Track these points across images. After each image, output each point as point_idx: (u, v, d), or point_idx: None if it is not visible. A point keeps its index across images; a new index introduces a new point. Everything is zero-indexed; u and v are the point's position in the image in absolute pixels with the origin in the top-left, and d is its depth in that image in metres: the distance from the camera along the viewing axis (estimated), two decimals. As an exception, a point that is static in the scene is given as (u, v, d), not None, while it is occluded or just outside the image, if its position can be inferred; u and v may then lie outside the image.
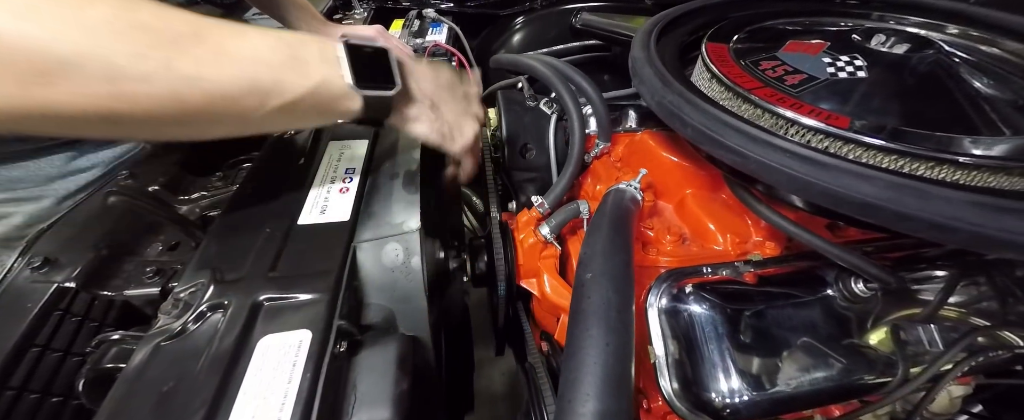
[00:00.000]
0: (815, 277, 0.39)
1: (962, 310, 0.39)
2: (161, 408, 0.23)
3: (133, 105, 0.24)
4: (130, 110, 0.24)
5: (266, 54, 0.27)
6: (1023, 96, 0.35)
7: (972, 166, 0.28)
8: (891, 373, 0.35)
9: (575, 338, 0.27)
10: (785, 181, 0.30)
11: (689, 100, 0.35)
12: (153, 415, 0.23)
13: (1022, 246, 0.23)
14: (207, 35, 0.25)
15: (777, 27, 0.48)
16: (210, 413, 0.22)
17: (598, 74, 0.88)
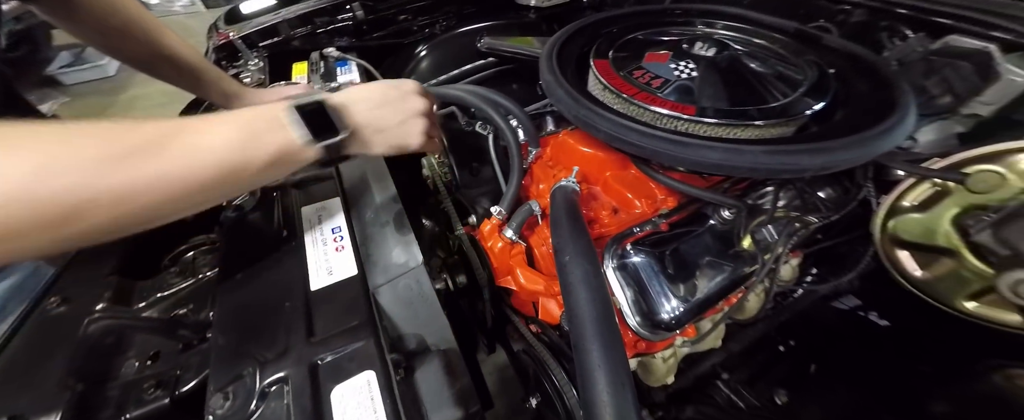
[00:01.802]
0: (702, 214, 0.56)
1: (784, 210, 0.60)
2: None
3: (136, 215, 0.29)
4: (133, 219, 0.29)
5: (231, 138, 0.32)
6: (777, 69, 0.55)
7: (762, 125, 0.46)
8: (756, 262, 0.54)
9: (571, 304, 0.37)
10: (667, 158, 0.44)
11: (596, 112, 0.48)
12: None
13: (793, 170, 0.41)
14: (176, 137, 0.30)
15: (636, 40, 0.64)
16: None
17: (508, 84, 1.00)
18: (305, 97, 0.36)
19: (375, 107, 0.42)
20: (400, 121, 0.42)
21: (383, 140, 0.42)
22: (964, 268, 0.49)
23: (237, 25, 0.96)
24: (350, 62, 0.91)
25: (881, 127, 0.43)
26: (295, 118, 0.35)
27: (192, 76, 0.58)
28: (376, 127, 0.41)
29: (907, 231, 0.53)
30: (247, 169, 0.33)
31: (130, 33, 0.53)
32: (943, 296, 0.52)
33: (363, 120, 0.40)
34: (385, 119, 0.42)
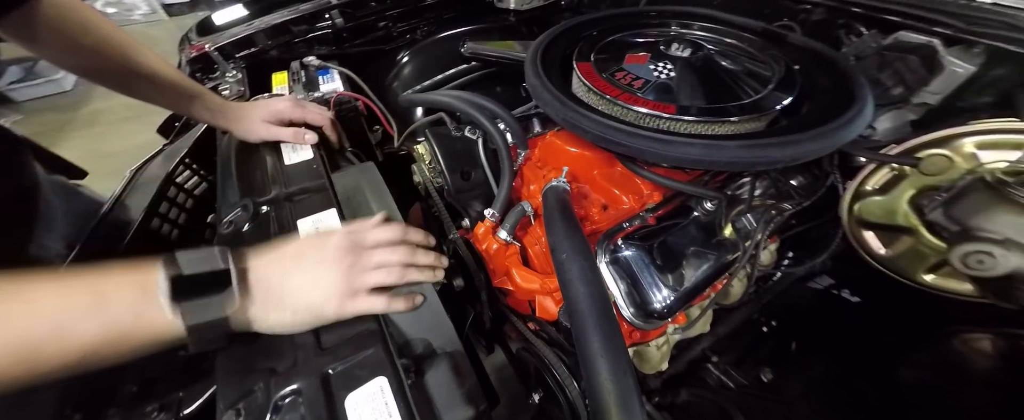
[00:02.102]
0: (686, 207, 0.59)
1: (760, 199, 0.64)
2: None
3: None
4: None
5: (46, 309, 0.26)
6: (747, 67, 0.59)
7: (736, 121, 0.49)
8: (738, 249, 0.58)
9: (570, 300, 0.39)
10: (652, 156, 0.47)
11: (583, 115, 0.50)
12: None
13: (767, 163, 0.44)
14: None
15: (616, 42, 0.66)
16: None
17: (492, 87, 1.01)
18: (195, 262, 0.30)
19: (289, 263, 0.35)
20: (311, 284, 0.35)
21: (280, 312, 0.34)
22: (922, 244, 0.53)
23: (211, 36, 0.93)
24: (332, 70, 0.90)
25: (843, 119, 0.46)
26: (162, 280, 0.29)
27: (172, 93, 0.56)
28: (274, 293, 0.34)
29: (870, 213, 0.58)
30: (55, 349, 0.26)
31: (103, 52, 0.51)
32: (905, 271, 0.57)
33: (264, 279, 0.34)
34: (290, 284, 0.34)
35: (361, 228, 0.41)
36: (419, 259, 0.43)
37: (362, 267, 0.37)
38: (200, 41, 0.92)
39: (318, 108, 0.67)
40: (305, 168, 0.54)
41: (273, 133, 0.61)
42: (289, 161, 0.55)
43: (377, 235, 0.40)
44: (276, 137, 0.61)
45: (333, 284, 0.35)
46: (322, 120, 0.66)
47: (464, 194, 0.68)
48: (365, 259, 0.38)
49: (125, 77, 0.53)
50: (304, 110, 0.64)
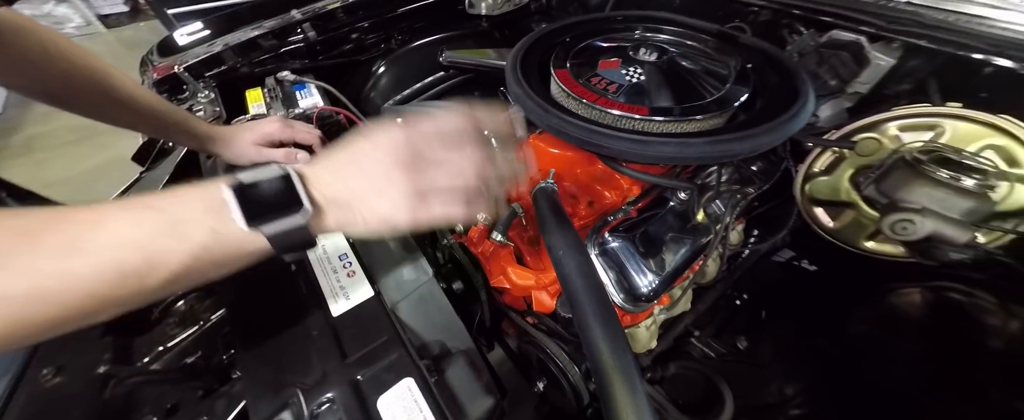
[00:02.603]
0: (662, 198, 0.65)
1: (726, 185, 0.71)
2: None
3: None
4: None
5: (129, 234, 0.24)
6: (706, 67, 0.65)
7: (701, 119, 0.55)
8: (710, 232, 0.64)
9: (570, 291, 0.43)
10: (631, 155, 0.52)
11: (565, 120, 0.54)
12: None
13: (730, 156, 0.50)
14: (54, 234, 0.23)
15: (589, 48, 0.71)
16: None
17: (470, 93, 1.04)
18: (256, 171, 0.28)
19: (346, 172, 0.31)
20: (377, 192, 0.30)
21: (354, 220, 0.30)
22: (861, 216, 0.61)
23: (174, 57, 0.90)
24: (309, 84, 0.89)
25: (791, 112, 0.53)
26: (237, 197, 0.27)
27: (154, 119, 0.54)
28: (342, 201, 0.30)
29: (819, 191, 0.66)
30: (148, 278, 0.25)
31: (74, 80, 0.48)
32: (850, 239, 0.66)
33: (326, 190, 0.30)
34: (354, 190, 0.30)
35: (419, 125, 0.32)
36: (501, 158, 0.33)
37: (427, 169, 0.30)
38: (164, 62, 0.88)
39: (306, 126, 0.67)
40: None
41: (264, 155, 0.61)
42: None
43: (451, 120, 0.32)
44: (267, 159, 0.61)
45: (398, 190, 0.30)
46: (311, 138, 0.66)
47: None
48: (430, 162, 0.31)
49: (101, 104, 0.51)
50: (293, 130, 0.64)
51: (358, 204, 0.30)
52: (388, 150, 0.30)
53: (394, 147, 0.30)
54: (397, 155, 0.30)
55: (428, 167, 0.30)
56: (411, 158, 0.30)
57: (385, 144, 0.31)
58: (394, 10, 1.02)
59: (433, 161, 0.30)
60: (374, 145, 0.31)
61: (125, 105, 0.53)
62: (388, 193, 0.30)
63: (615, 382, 0.36)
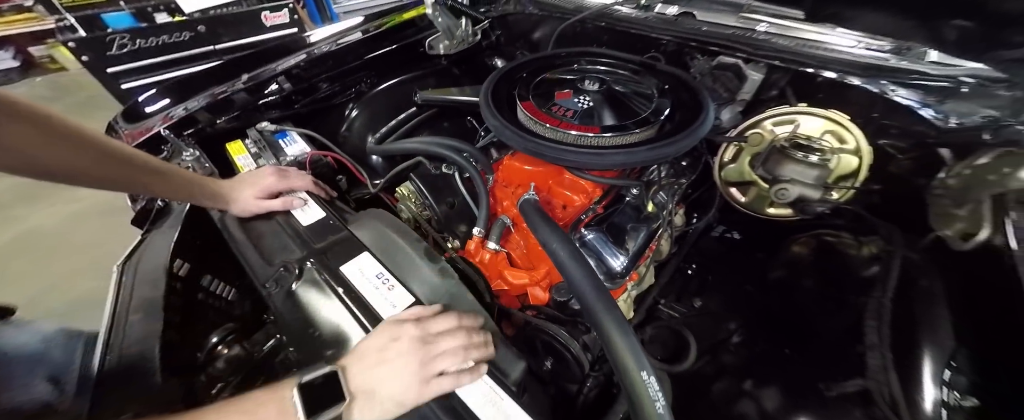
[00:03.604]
0: (620, 196, 0.82)
1: (666, 179, 0.89)
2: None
3: None
4: None
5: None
6: (635, 90, 0.83)
7: (638, 133, 0.72)
8: (659, 218, 0.81)
9: (569, 278, 0.56)
10: (590, 164, 0.67)
11: (538, 143, 0.68)
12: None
13: (665, 157, 0.67)
14: None
15: (544, 82, 0.87)
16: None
17: (440, 125, 1.16)
18: (313, 371, 0.39)
19: (374, 364, 0.41)
20: (393, 379, 0.41)
21: (373, 408, 0.40)
22: (760, 190, 0.82)
23: (141, 123, 0.91)
24: (289, 132, 0.95)
25: (700, 120, 0.72)
26: (297, 401, 0.36)
27: (179, 182, 0.59)
28: (368, 390, 0.40)
29: (730, 175, 0.86)
30: None
31: (107, 158, 0.52)
32: (757, 209, 0.87)
33: (358, 383, 0.40)
34: (377, 380, 0.41)
35: (423, 315, 0.46)
36: (474, 339, 0.46)
37: (432, 356, 0.42)
38: (131, 129, 0.90)
39: (298, 173, 0.74)
40: (323, 225, 0.63)
41: (264, 206, 0.66)
42: (306, 222, 0.63)
43: (440, 324, 0.45)
44: (268, 209, 0.67)
45: (410, 374, 0.41)
46: (305, 183, 0.73)
47: (452, 220, 0.81)
48: (433, 348, 0.43)
49: (132, 177, 0.55)
50: (288, 179, 0.70)
51: (380, 390, 0.40)
52: (406, 343, 0.42)
53: (411, 340, 0.42)
54: (413, 347, 0.42)
55: (432, 357, 0.42)
56: (422, 352, 0.42)
57: (404, 337, 0.42)
58: (362, 58, 1.11)
59: (434, 352, 0.43)
60: (395, 338, 0.43)
61: (156, 173, 0.57)
62: (403, 378, 0.41)
63: (617, 338, 0.49)
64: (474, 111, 1.14)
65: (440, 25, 1.18)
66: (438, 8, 1.15)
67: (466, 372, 0.44)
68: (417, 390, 0.41)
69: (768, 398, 0.59)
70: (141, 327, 0.53)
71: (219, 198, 0.64)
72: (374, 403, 0.40)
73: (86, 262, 1.96)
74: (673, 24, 0.98)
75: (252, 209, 0.66)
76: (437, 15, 1.16)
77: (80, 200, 2.35)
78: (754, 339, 0.69)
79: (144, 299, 0.57)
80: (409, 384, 0.41)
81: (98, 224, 2.20)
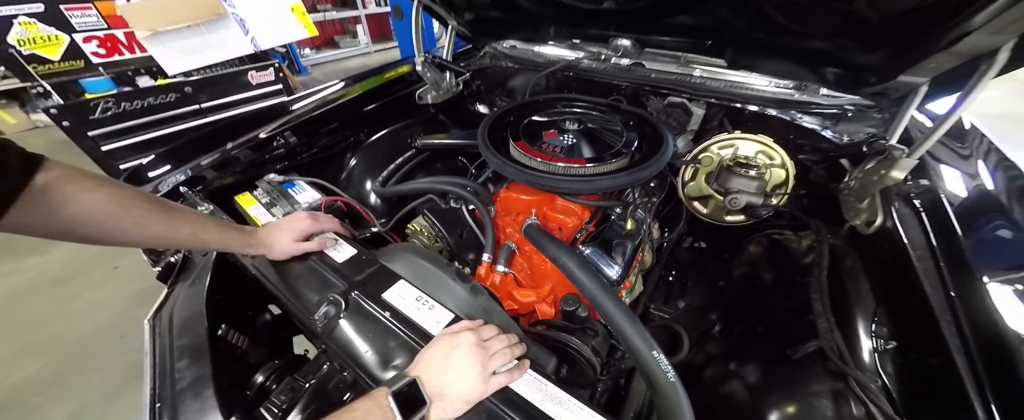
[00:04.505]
0: (606, 215, 0.95)
1: (641, 199, 1.05)
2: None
3: None
4: None
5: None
6: (607, 127, 1.00)
7: (615, 162, 0.87)
8: (640, 232, 0.95)
9: (582, 287, 0.66)
10: (581, 191, 0.80)
11: (537, 175, 0.81)
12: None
13: (639, 182, 0.82)
14: None
15: (530, 124, 1.02)
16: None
17: (434, 165, 1.27)
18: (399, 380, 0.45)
19: (440, 371, 0.47)
20: (460, 380, 0.47)
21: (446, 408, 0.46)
22: (717, 202, 1.00)
23: (146, 186, 0.94)
24: (297, 181, 1.02)
25: (663, 149, 0.89)
26: (393, 406, 0.43)
27: (223, 234, 0.63)
28: (439, 393, 0.46)
29: (691, 192, 1.04)
30: None
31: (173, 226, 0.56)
32: (718, 218, 1.03)
33: (431, 388, 0.46)
34: (446, 383, 0.47)
35: (473, 326, 0.54)
36: (514, 342, 0.56)
37: (488, 357, 0.50)
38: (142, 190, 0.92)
39: (326, 216, 0.80)
40: (357, 260, 0.69)
41: (302, 248, 0.71)
42: (340, 259, 0.70)
43: (487, 332, 0.54)
44: (305, 250, 0.72)
45: (474, 375, 0.48)
46: (335, 225, 0.80)
47: (462, 249, 0.90)
48: (487, 351, 0.50)
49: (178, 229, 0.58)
50: (321, 222, 0.76)
51: (449, 391, 0.47)
52: (466, 349, 0.49)
53: (470, 346, 0.49)
54: (473, 352, 0.49)
55: (489, 358, 0.50)
56: (481, 354, 0.49)
57: (464, 345, 0.49)
58: (360, 110, 1.22)
59: (489, 353, 0.51)
60: (458, 349, 0.49)
61: (193, 224, 0.60)
62: (469, 378, 0.48)
63: (631, 332, 0.59)
64: (465, 152, 1.27)
65: (428, 79, 1.34)
66: (427, 65, 1.30)
67: (516, 368, 0.52)
68: (481, 388, 0.48)
69: (750, 373, 0.71)
70: (191, 372, 0.56)
71: (257, 245, 0.68)
72: (446, 403, 0.46)
73: (29, 341, 1.78)
74: (628, 72, 1.19)
75: (290, 251, 0.70)
76: (425, 71, 1.31)
77: (23, 271, 2.15)
78: (732, 326, 0.82)
79: (187, 347, 0.60)
80: (474, 383, 0.47)
81: (44, 298, 2.02)
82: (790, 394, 0.60)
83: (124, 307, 1.93)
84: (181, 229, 0.59)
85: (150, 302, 0.71)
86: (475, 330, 0.52)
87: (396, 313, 0.58)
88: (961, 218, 0.64)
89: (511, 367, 0.51)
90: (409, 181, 0.97)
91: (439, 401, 0.46)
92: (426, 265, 0.67)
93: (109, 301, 1.98)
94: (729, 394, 0.71)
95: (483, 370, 0.48)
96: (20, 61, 1.74)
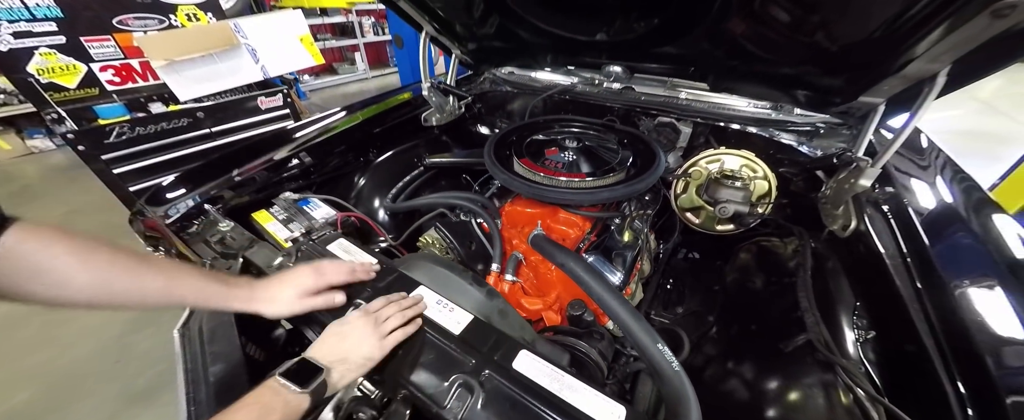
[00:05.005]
0: (606, 226, 1.02)
1: (638, 210, 1.12)
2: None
3: None
4: None
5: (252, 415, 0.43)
6: (603, 145, 1.08)
7: (613, 176, 0.94)
8: (638, 242, 1.01)
9: (588, 289, 0.72)
10: (583, 202, 0.87)
11: (542, 187, 0.88)
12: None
13: (635, 194, 0.89)
14: None
15: (533, 142, 1.10)
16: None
17: (439, 182, 1.33)
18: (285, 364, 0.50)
19: (335, 344, 0.54)
20: (358, 346, 0.54)
21: (351, 368, 0.53)
22: (708, 212, 1.07)
23: (165, 206, 0.98)
24: (311, 199, 1.07)
25: (656, 164, 0.97)
26: (284, 382, 0.47)
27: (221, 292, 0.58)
28: (341, 359, 0.53)
29: (684, 203, 1.11)
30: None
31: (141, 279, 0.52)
32: (709, 227, 1.11)
33: (329, 358, 0.52)
34: (345, 351, 0.54)
35: (364, 304, 0.61)
36: (406, 303, 0.63)
37: (380, 321, 0.58)
38: (159, 210, 0.96)
39: (333, 265, 0.68)
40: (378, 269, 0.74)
41: (308, 305, 0.63)
42: (362, 268, 0.74)
43: (376, 303, 0.61)
44: (311, 308, 0.63)
45: (369, 335, 0.55)
46: (342, 275, 0.67)
47: (471, 260, 0.95)
48: (378, 316, 0.58)
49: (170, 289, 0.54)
50: (326, 277, 0.65)
51: (350, 356, 0.54)
52: (356, 321, 0.57)
53: (358, 318, 0.57)
54: (362, 322, 0.57)
55: (379, 322, 0.58)
56: (370, 321, 0.57)
57: (352, 319, 0.58)
58: (370, 133, 1.30)
59: (380, 318, 0.58)
60: (348, 324, 0.57)
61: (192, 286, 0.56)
62: (365, 342, 0.55)
63: (627, 316, 0.65)
64: (470, 169, 1.34)
65: (433, 103, 1.42)
66: (432, 90, 1.40)
67: (409, 324, 0.59)
68: (378, 344, 0.55)
69: (747, 370, 0.75)
70: (226, 373, 0.59)
71: (251, 299, 0.60)
72: (349, 364, 0.53)
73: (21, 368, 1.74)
74: (619, 95, 1.29)
75: (295, 310, 0.62)
76: (431, 95, 1.40)
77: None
78: (728, 326, 0.87)
79: (219, 352, 0.63)
80: (371, 343, 0.55)
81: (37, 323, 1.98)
82: (785, 384, 0.65)
83: (120, 332, 1.90)
84: (150, 283, 0.53)
85: (148, 325, 0.73)
86: (363, 306, 0.60)
87: (432, 322, 0.63)
88: (930, 226, 0.71)
89: (406, 324, 0.59)
90: (419, 197, 1.02)
91: (341, 364, 0.53)
92: (445, 272, 0.72)
93: (104, 326, 1.94)
94: (729, 391, 0.75)
95: (376, 330, 0.56)
96: (38, 89, 1.80)
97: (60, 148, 4.14)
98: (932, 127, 0.99)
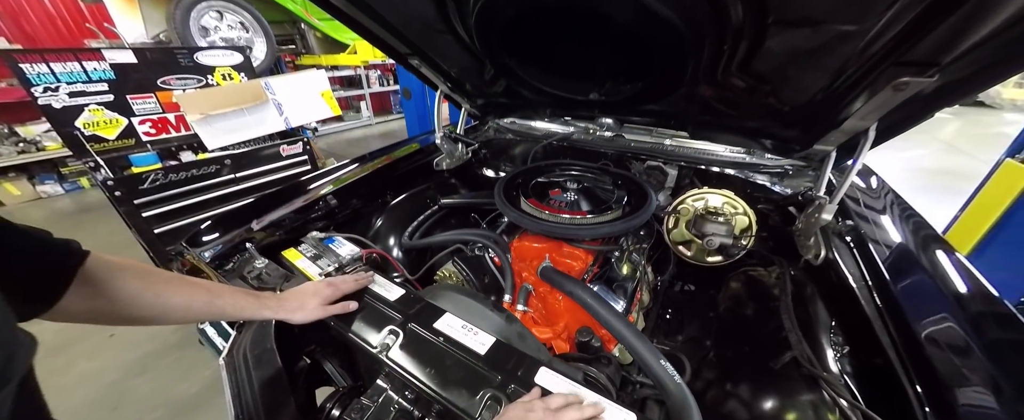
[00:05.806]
0: (607, 258, 1.12)
1: (634, 244, 1.23)
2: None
3: None
4: None
5: None
6: (600, 185, 1.22)
7: (610, 213, 1.07)
8: (636, 274, 1.11)
9: (596, 315, 0.80)
10: (586, 237, 0.98)
11: (551, 228, 0.99)
12: None
13: (631, 230, 1.00)
14: None
15: (537, 185, 1.23)
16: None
17: (449, 221, 1.45)
18: None
19: None
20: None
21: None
22: (698, 245, 1.18)
23: (202, 248, 1.07)
24: (336, 238, 1.17)
25: (648, 203, 1.09)
26: None
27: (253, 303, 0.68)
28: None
29: (675, 238, 1.23)
30: None
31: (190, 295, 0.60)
32: (701, 259, 1.21)
33: None
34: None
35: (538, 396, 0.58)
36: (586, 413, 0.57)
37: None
38: (195, 252, 1.05)
39: (342, 279, 0.82)
40: (405, 299, 0.82)
41: (329, 311, 0.75)
42: (391, 297, 0.82)
43: (556, 401, 0.57)
44: (330, 314, 0.75)
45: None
46: (349, 285, 0.81)
47: (485, 292, 1.03)
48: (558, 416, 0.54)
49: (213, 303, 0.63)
50: (338, 288, 0.78)
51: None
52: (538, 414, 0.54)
53: (541, 412, 0.54)
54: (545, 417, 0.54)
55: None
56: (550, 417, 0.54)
57: (537, 410, 0.54)
58: (389, 177, 1.43)
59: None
60: (530, 410, 0.54)
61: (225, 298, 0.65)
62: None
63: (632, 337, 0.73)
64: (479, 208, 1.46)
65: (445, 149, 1.58)
66: (444, 139, 1.56)
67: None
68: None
69: (743, 390, 0.82)
70: (271, 397, 0.65)
71: (278, 309, 0.71)
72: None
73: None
74: (611, 142, 1.46)
75: (317, 315, 0.74)
76: (443, 143, 1.56)
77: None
78: (724, 349, 0.94)
79: (264, 377, 0.69)
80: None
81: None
82: (776, 397, 0.72)
83: (119, 376, 1.87)
84: (197, 298, 0.63)
85: (149, 370, 0.78)
86: (544, 399, 0.57)
87: (448, 339, 0.70)
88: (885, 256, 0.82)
89: None
90: (434, 234, 1.13)
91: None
92: (467, 299, 0.81)
93: (102, 371, 1.91)
94: (729, 412, 0.81)
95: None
96: (82, 141, 1.94)
97: (68, 193, 4.23)
98: (902, 166, 1.16)
